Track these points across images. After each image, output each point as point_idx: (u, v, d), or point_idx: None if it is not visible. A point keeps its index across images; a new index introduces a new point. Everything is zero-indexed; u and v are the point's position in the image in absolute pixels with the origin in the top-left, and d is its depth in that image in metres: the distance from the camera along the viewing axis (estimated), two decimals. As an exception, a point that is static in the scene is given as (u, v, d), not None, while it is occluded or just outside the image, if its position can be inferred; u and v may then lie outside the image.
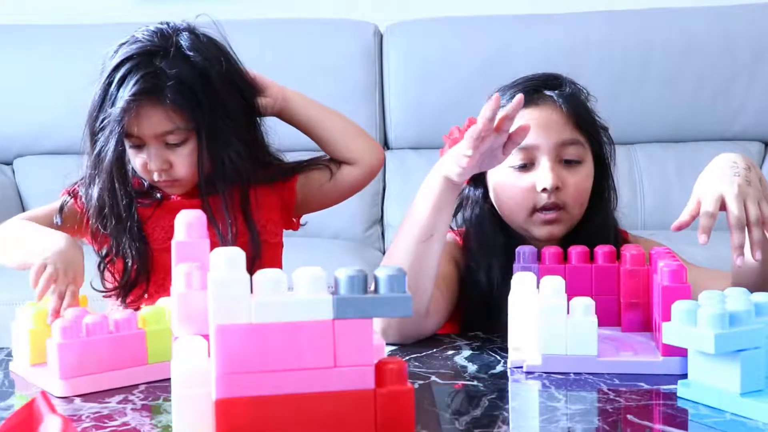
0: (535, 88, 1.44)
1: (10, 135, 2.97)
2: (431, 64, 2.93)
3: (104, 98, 1.42)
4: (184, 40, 1.44)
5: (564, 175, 1.40)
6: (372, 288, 0.89)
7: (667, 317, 1.08)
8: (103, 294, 1.50)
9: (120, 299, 1.48)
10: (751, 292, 1.09)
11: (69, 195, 1.52)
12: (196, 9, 1.53)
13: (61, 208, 1.50)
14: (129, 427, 1.00)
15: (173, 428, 0.91)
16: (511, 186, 1.41)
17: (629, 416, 1.02)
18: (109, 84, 1.42)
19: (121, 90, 1.39)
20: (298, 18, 3.05)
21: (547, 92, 1.43)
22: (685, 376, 1.07)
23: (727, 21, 2.94)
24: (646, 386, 1.11)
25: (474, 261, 1.44)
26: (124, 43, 1.44)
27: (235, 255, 0.87)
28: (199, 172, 1.45)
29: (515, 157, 1.40)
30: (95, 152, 1.44)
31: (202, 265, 0.94)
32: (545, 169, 1.39)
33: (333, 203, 1.60)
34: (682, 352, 1.09)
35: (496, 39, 2.93)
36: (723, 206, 1.23)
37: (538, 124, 1.40)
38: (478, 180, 1.47)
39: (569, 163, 1.41)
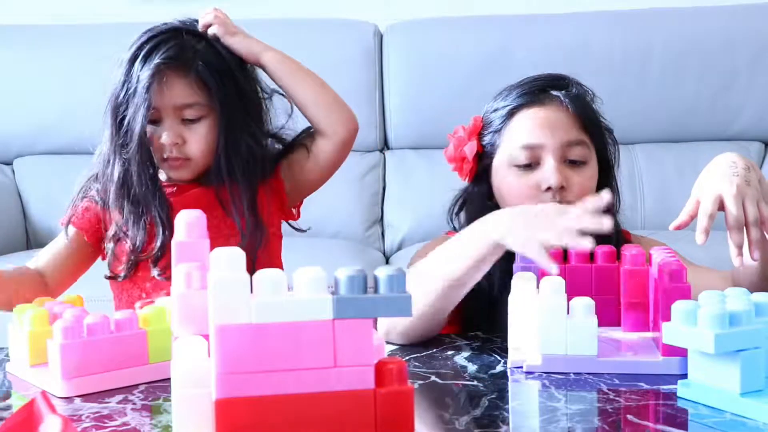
0: (542, 88, 1.44)
1: (10, 135, 2.97)
2: (431, 64, 2.93)
3: (129, 75, 1.44)
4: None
5: (569, 174, 1.40)
6: (372, 288, 0.89)
7: (667, 317, 1.08)
8: (109, 276, 1.51)
9: (153, 265, 1.47)
10: (751, 292, 1.09)
11: (69, 220, 1.52)
12: (197, 9, 1.53)
13: (68, 227, 1.51)
14: (129, 427, 1.00)
15: (173, 428, 0.91)
16: (516, 185, 1.41)
17: (629, 416, 1.02)
18: (135, 58, 1.44)
19: (149, 60, 1.43)
20: (298, 18, 3.05)
21: (554, 92, 1.43)
22: (685, 376, 1.07)
23: (727, 21, 2.94)
24: (646, 386, 1.11)
25: None
26: (149, 30, 1.48)
27: (235, 255, 0.87)
28: (217, 153, 1.47)
29: (520, 157, 1.41)
30: (122, 127, 1.45)
31: (202, 265, 0.94)
32: (550, 169, 1.39)
33: (319, 181, 1.59)
34: (682, 352, 1.09)
35: (496, 39, 2.93)
36: (722, 206, 1.23)
37: (544, 123, 1.40)
38: (482, 178, 1.47)
39: (574, 164, 1.41)
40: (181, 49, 1.44)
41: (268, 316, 0.86)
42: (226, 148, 1.48)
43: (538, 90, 1.44)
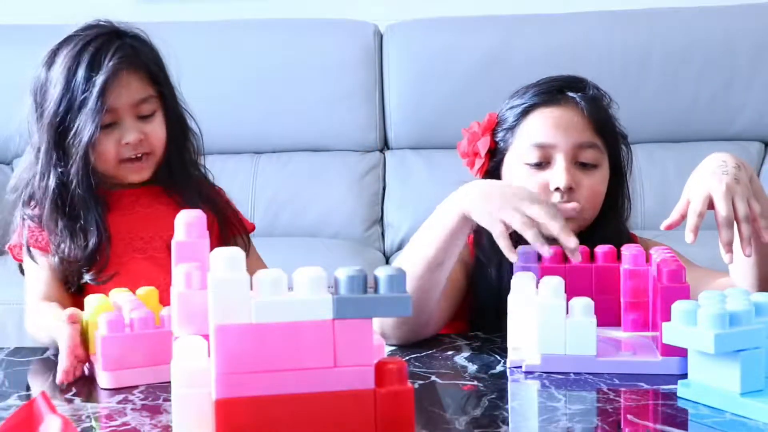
0: (558, 89, 1.45)
1: (9, 135, 2.97)
2: (431, 64, 2.93)
3: (70, 86, 1.43)
4: (137, 31, 1.51)
5: (579, 177, 1.40)
6: (372, 288, 0.89)
7: (667, 317, 1.08)
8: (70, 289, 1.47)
9: (86, 270, 1.43)
10: (752, 292, 1.09)
11: (35, 249, 1.47)
12: (196, 9, 1.53)
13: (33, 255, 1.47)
14: (129, 427, 1.00)
15: (173, 428, 0.91)
16: (525, 183, 1.41)
17: (629, 416, 1.02)
18: (75, 67, 1.43)
19: (97, 65, 1.41)
20: (298, 18, 3.05)
21: (570, 93, 1.43)
22: (685, 376, 1.07)
23: (727, 21, 2.94)
24: (645, 386, 1.11)
25: (485, 256, 1.43)
26: (77, 38, 1.47)
27: (235, 255, 0.87)
28: (168, 144, 1.47)
29: (532, 155, 1.41)
30: (65, 140, 1.45)
31: (202, 265, 0.94)
32: (560, 169, 1.39)
33: None
34: (682, 352, 1.09)
35: (496, 39, 2.93)
36: (712, 205, 1.23)
37: (558, 123, 1.41)
38: (493, 175, 1.47)
39: (585, 166, 1.41)
40: (130, 47, 1.45)
41: (268, 316, 0.86)
42: (176, 138, 1.50)
43: (554, 90, 1.44)
